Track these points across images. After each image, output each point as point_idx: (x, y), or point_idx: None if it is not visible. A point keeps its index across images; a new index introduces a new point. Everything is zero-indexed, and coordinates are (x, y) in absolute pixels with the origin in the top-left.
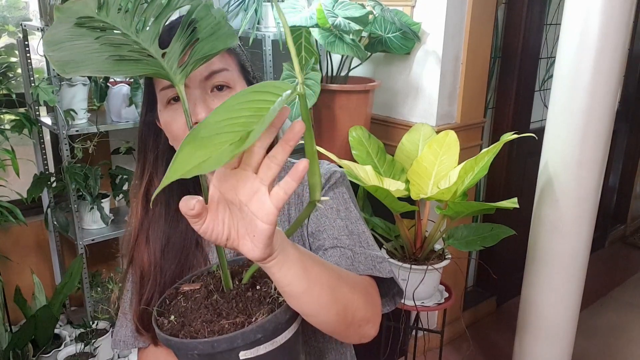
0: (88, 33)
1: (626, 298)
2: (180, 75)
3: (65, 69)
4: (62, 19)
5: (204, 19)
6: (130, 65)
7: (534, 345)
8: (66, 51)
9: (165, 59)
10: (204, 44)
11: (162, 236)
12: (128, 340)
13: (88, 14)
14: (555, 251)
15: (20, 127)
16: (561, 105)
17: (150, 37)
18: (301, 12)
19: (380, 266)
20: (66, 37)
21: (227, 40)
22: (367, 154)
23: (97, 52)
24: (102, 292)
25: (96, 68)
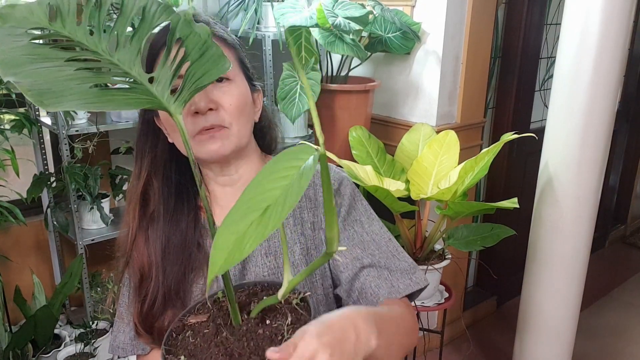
0: (53, 53)
1: (626, 298)
2: (175, 104)
3: (43, 101)
4: (7, 29)
5: (189, 38)
6: (120, 96)
7: (534, 345)
8: (33, 77)
9: (154, 84)
10: (196, 67)
11: (162, 236)
12: (126, 347)
13: (40, 24)
14: (556, 251)
15: (20, 127)
16: (561, 105)
17: (130, 58)
18: (301, 12)
19: (415, 277)
20: (25, 59)
21: (219, 63)
22: (367, 154)
23: (75, 80)
24: (102, 292)
25: (82, 101)
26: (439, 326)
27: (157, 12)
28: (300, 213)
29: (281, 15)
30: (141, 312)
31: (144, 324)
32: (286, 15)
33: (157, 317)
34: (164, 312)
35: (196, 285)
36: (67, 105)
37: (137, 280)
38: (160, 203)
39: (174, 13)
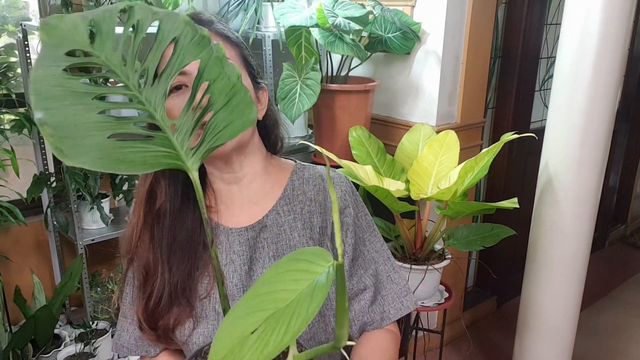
0: (83, 88)
1: (626, 298)
2: (192, 159)
3: (63, 150)
4: (50, 47)
5: (217, 80)
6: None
7: (534, 345)
8: (59, 117)
9: (176, 133)
10: (220, 118)
11: (169, 234)
12: (131, 347)
13: (80, 45)
14: (556, 251)
15: (20, 127)
16: (561, 105)
17: (156, 99)
18: (301, 12)
19: (406, 301)
20: (57, 91)
21: (246, 113)
22: (367, 154)
23: (97, 127)
24: (102, 292)
25: (98, 155)
26: (439, 326)
27: (190, 44)
28: (310, 217)
29: (281, 15)
30: (146, 310)
31: (149, 321)
32: (286, 15)
33: (163, 314)
34: (170, 310)
35: (201, 284)
36: (82, 161)
37: (141, 277)
38: (167, 201)
39: (207, 48)
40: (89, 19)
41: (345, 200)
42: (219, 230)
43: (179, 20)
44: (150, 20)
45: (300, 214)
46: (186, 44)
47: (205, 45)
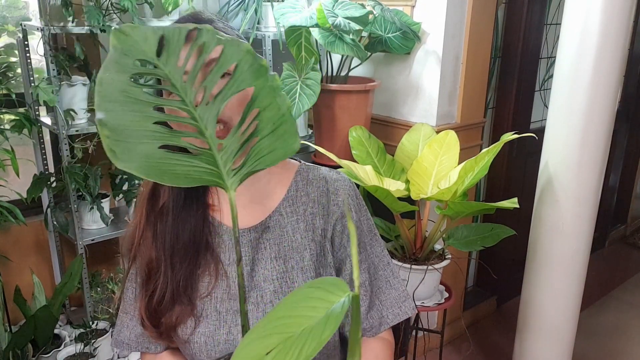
0: (145, 96)
1: (626, 298)
2: (232, 180)
3: (117, 153)
4: (119, 53)
5: (268, 109)
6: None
7: (534, 345)
8: (119, 120)
9: (221, 152)
10: (264, 144)
11: (172, 232)
12: (131, 343)
13: (147, 56)
14: (556, 251)
15: (20, 127)
16: (561, 105)
17: (209, 118)
18: (301, 12)
19: (404, 307)
20: (121, 96)
21: (289, 143)
22: (367, 154)
23: (150, 136)
24: (102, 292)
25: (147, 162)
26: (439, 326)
27: (248, 71)
28: (312, 219)
29: (281, 15)
30: (149, 307)
31: (151, 319)
32: (286, 15)
33: (165, 312)
34: (172, 308)
35: (202, 283)
36: (131, 166)
37: (144, 275)
38: (170, 200)
39: (264, 77)
40: (159, 34)
41: (349, 204)
42: (221, 229)
43: (241, 47)
44: (215, 44)
45: (303, 215)
46: (245, 70)
47: (262, 74)
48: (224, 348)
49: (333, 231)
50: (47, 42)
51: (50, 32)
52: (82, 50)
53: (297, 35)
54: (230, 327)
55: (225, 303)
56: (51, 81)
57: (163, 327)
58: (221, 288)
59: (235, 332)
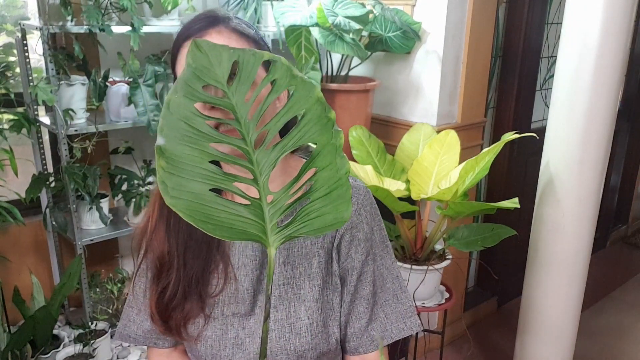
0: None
1: (627, 298)
2: (275, 237)
3: (168, 188)
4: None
5: (325, 169)
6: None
7: (535, 345)
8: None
9: (270, 206)
10: (315, 206)
11: (185, 229)
12: (138, 337)
13: (217, 82)
14: (557, 251)
15: (18, 127)
16: (562, 105)
17: (267, 165)
18: (301, 11)
19: (410, 322)
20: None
21: (340, 210)
22: (367, 154)
23: (204, 175)
24: (101, 293)
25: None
26: (439, 326)
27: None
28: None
29: (281, 14)
30: (160, 302)
31: (161, 314)
32: (286, 14)
33: (176, 308)
34: (183, 304)
35: (210, 284)
36: (178, 204)
37: (155, 269)
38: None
39: (329, 132)
40: (235, 57)
41: (360, 215)
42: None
43: (312, 94)
44: (288, 84)
45: None
46: (312, 120)
47: (328, 129)
48: (231, 352)
49: (341, 240)
50: (45, 42)
51: (49, 31)
52: (81, 50)
53: (297, 35)
54: (238, 331)
55: (232, 306)
56: (50, 81)
57: (172, 322)
58: (229, 291)
59: (242, 336)
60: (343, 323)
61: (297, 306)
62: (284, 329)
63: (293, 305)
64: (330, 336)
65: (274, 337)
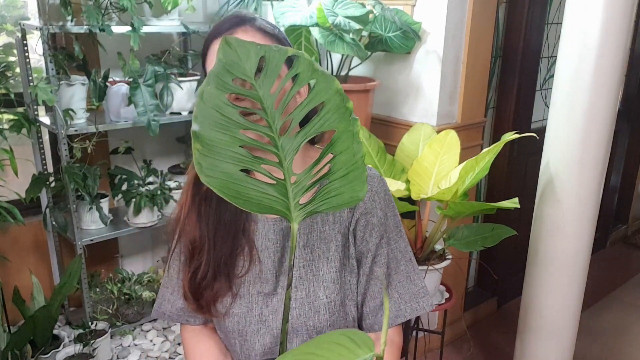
0: (236, 117)
1: (628, 298)
2: (297, 213)
3: (203, 167)
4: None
5: (343, 153)
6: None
7: (535, 345)
8: (210, 136)
9: (293, 185)
10: (334, 187)
11: (215, 215)
12: (172, 315)
13: (246, 75)
14: (557, 251)
15: (18, 127)
16: (562, 105)
17: (291, 150)
18: (301, 11)
19: (423, 302)
20: (216, 115)
21: (356, 190)
22: (367, 154)
23: (235, 157)
24: (101, 293)
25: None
26: (439, 327)
27: (334, 111)
28: (340, 213)
29: (281, 14)
30: (192, 282)
31: (193, 293)
32: (286, 14)
33: (206, 287)
34: (213, 283)
35: (237, 265)
36: (212, 182)
37: (187, 252)
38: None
39: (346, 120)
40: (260, 53)
41: (374, 202)
42: (257, 218)
43: (331, 86)
44: (310, 77)
45: None
46: (332, 109)
47: (346, 117)
48: (256, 328)
49: (356, 224)
50: (45, 42)
51: (49, 31)
52: (81, 50)
53: (297, 35)
54: (262, 309)
55: (257, 286)
56: (50, 81)
57: (203, 300)
58: (254, 272)
59: (266, 314)
60: (359, 302)
61: (316, 286)
62: (304, 307)
63: (312, 285)
64: (347, 314)
65: (294, 315)
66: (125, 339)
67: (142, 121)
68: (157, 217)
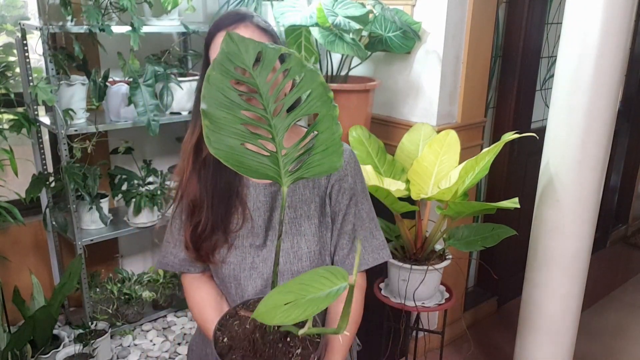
0: (238, 100)
1: (627, 298)
2: (286, 179)
3: (211, 140)
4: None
5: (324, 132)
6: (254, 161)
7: (535, 345)
8: (216, 114)
9: (284, 157)
10: (315, 158)
11: (212, 179)
12: (175, 265)
13: (245, 65)
14: (557, 251)
15: (18, 127)
16: (562, 105)
17: (282, 128)
18: (301, 11)
19: (382, 253)
20: (220, 96)
21: (334, 162)
22: (367, 154)
23: (236, 133)
24: (101, 293)
25: (229, 153)
26: (439, 327)
27: (318, 98)
28: (318, 179)
29: (281, 14)
30: (193, 235)
31: (194, 244)
32: (286, 14)
33: (206, 239)
34: (211, 236)
35: (232, 221)
36: (219, 153)
37: (189, 210)
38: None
39: (328, 105)
40: (258, 49)
41: (346, 170)
42: (249, 183)
43: (316, 79)
44: (299, 71)
45: None
46: (316, 97)
47: (328, 103)
48: (248, 274)
49: (332, 189)
50: (45, 42)
51: (49, 31)
52: (81, 50)
53: (297, 35)
54: (254, 258)
55: (250, 239)
56: (50, 80)
57: (203, 250)
58: (247, 228)
59: (257, 262)
60: (332, 252)
61: (298, 239)
62: (289, 255)
63: (296, 238)
64: (324, 262)
65: (281, 262)
66: (125, 339)
67: (142, 121)
68: (157, 217)
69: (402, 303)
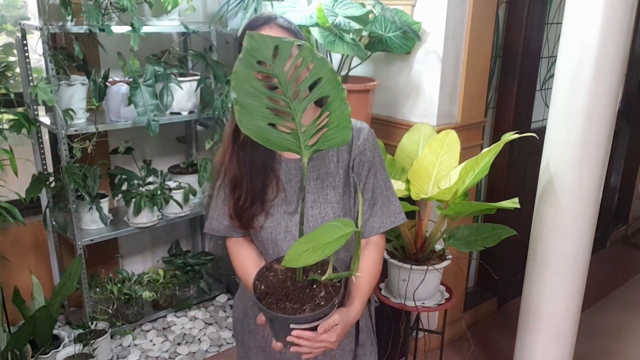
0: (262, 88)
1: (627, 298)
2: (306, 151)
3: (242, 121)
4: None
5: (336, 111)
6: (278, 137)
7: (535, 345)
8: (244, 101)
9: (304, 134)
10: (330, 133)
11: (250, 158)
12: (220, 230)
13: (265, 58)
14: (557, 251)
15: (18, 127)
16: (562, 105)
17: (300, 110)
18: (301, 11)
19: (399, 217)
20: (246, 87)
21: (345, 135)
22: None
23: (263, 115)
24: (101, 293)
25: (258, 130)
26: (439, 327)
27: (329, 82)
28: (342, 154)
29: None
30: (236, 206)
31: (237, 214)
32: (286, 14)
33: (247, 209)
34: (251, 206)
35: (267, 193)
36: (250, 131)
37: (231, 186)
38: (248, 137)
39: (338, 88)
40: (275, 43)
41: (365, 146)
42: (282, 159)
43: (326, 66)
44: (310, 60)
45: (336, 150)
46: (327, 81)
47: (337, 86)
48: (283, 236)
49: (353, 162)
50: (45, 42)
51: (49, 31)
52: (81, 50)
53: None
54: (287, 222)
55: (283, 207)
56: (50, 81)
57: (244, 219)
58: (280, 197)
59: (291, 226)
60: (354, 218)
61: (325, 206)
62: (317, 221)
63: (323, 206)
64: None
65: (311, 226)
66: (125, 339)
67: (142, 121)
68: (157, 217)
69: (402, 303)
